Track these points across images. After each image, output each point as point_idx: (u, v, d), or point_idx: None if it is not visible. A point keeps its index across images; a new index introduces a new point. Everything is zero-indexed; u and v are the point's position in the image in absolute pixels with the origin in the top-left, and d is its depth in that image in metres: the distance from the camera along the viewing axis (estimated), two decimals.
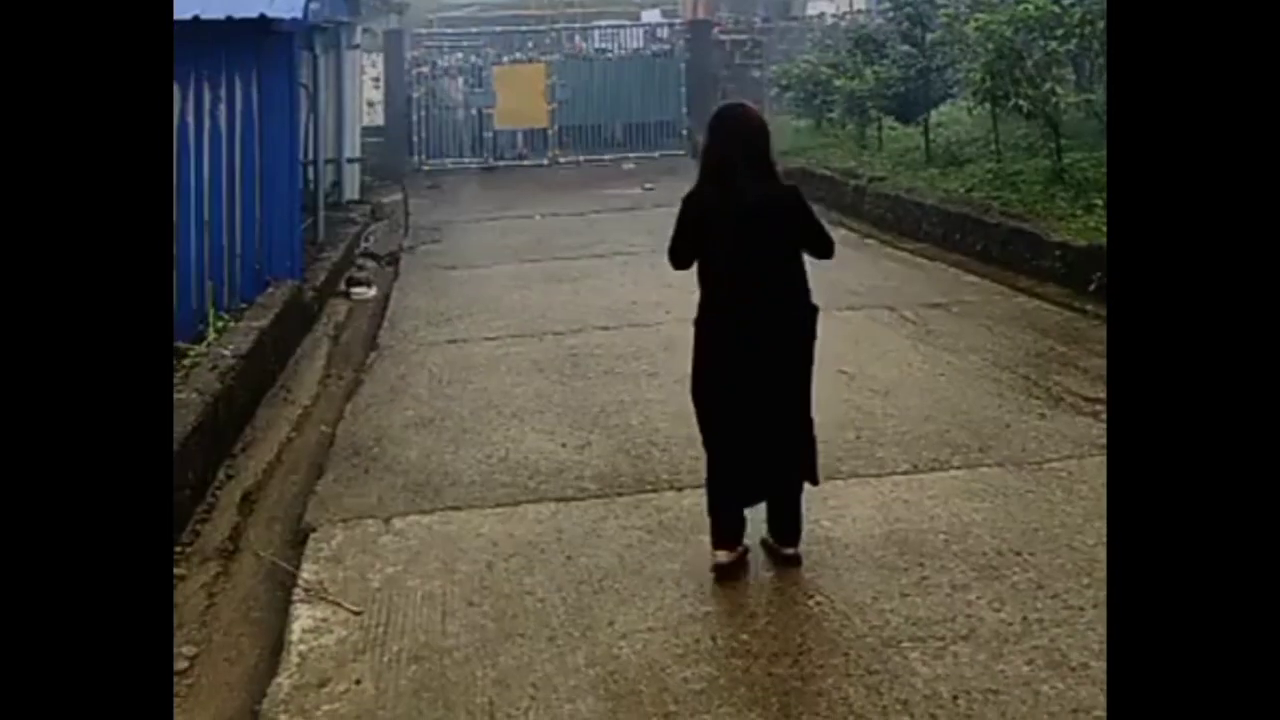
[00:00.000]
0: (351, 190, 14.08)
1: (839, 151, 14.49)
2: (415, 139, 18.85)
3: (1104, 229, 8.18)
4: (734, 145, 4.12)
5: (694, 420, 4.25)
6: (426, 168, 18.39)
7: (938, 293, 8.31)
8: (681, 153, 18.85)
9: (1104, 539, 4.18)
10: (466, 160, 18.94)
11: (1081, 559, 4.02)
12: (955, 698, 3.26)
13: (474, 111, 19.16)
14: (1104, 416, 5.52)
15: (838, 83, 14.37)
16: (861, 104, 14.05)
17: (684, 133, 19.47)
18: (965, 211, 9.93)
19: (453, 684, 3.47)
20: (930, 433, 5.31)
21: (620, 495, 4.85)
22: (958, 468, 4.91)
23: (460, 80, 19.45)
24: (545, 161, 18.69)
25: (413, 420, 5.98)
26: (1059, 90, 9.72)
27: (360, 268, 10.53)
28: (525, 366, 6.96)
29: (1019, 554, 4.08)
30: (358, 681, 3.49)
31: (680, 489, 4.86)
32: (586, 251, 10.88)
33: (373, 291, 9.56)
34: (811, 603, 3.84)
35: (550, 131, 19.14)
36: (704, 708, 3.28)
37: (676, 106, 19.66)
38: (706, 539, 4.15)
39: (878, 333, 7.27)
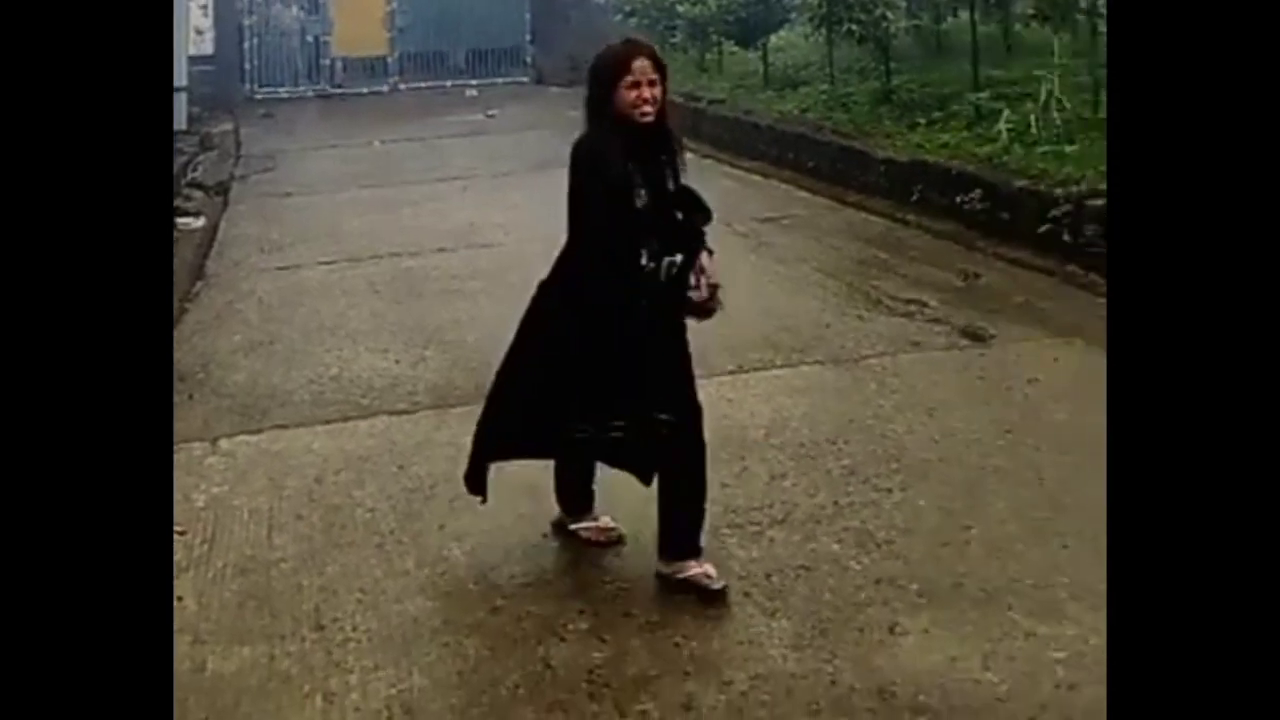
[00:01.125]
0: (178, 120, 13.48)
1: (680, 75, 14.55)
2: (248, 67, 18.09)
3: (926, 144, 8.49)
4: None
5: None
6: (259, 96, 17.69)
7: (770, 208, 8.51)
8: (525, 79, 18.63)
9: (911, 428, 4.43)
10: (302, 88, 18.31)
11: (891, 446, 4.24)
12: (769, 576, 3.42)
13: (310, 38, 18.51)
14: (918, 316, 5.79)
15: (681, 8, 14.41)
16: (704, 29, 14.13)
17: (528, 60, 19.23)
18: (799, 131, 10.16)
19: (278, 594, 3.46)
20: (756, 336, 5.48)
21: (454, 407, 4.87)
22: (780, 367, 5.10)
23: (295, 7, 18.72)
24: (385, 89, 18.21)
25: (241, 345, 5.85)
26: (890, 16, 10.01)
27: (187, 198, 10.13)
28: (361, 289, 6.86)
29: (834, 443, 4.28)
30: (179, 598, 3.44)
31: None
32: (427, 176, 10.71)
33: (200, 222, 9.20)
34: (637, 496, 3.94)
35: (390, 58, 18.64)
36: (531, 600, 3.36)
37: (520, 33, 19.33)
38: None
39: (712, 245, 7.39)
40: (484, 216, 8.60)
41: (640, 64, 3.33)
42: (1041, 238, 6.69)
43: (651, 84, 3.30)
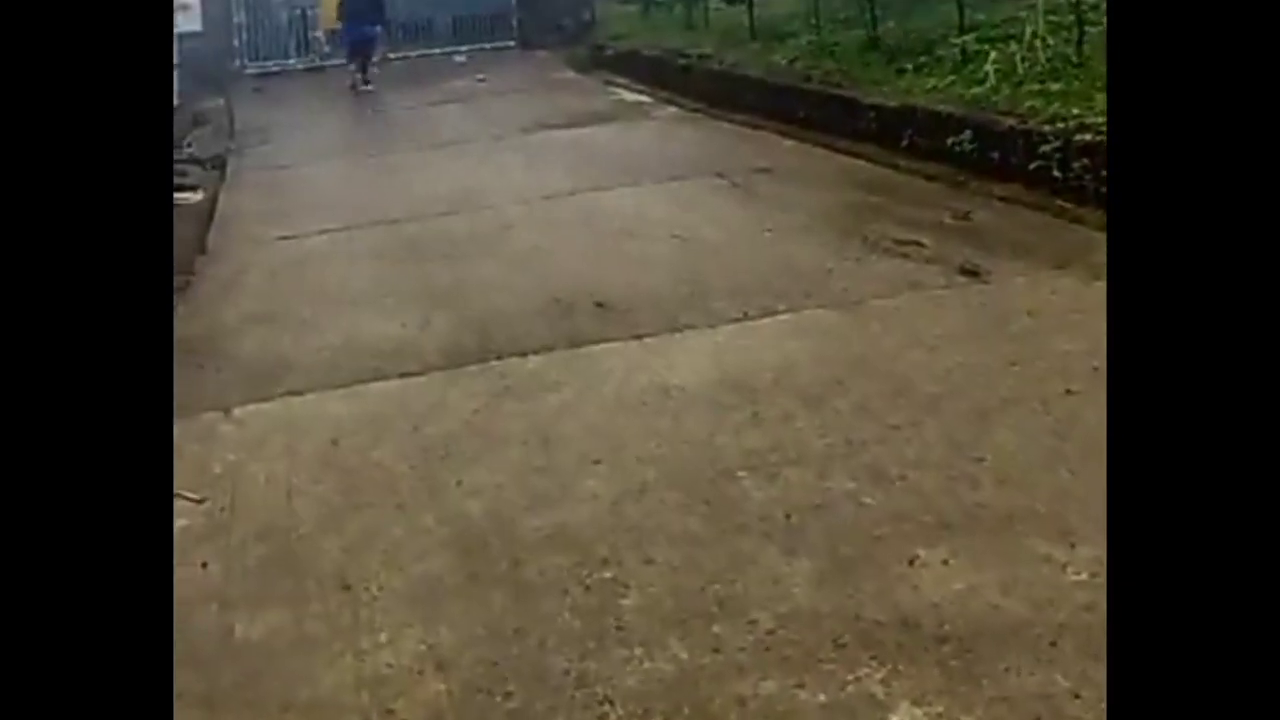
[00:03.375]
0: None
1: (668, 32, 14.50)
2: (237, 43, 18.01)
3: (914, 89, 8.49)
4: None
5: (533, 293, 4.33)
6: (251, 71, 17.62)
7: (763, 158, 8.52)
8: (512, 44, 18.52)
9: (916, 365, 4.47)
10: (293, 62, 18.21)
11: (898, 383, 4.29)
12: (788, 516, 3.46)
13: (299, 12, 18.38)
14: (915, 257, 5.83)
15: None
16: None
17: (514, 24, 19.10)
18: (787, 82, 10.15)
19: (301, 557, 3.50)
20: (758, 284, 5.51)
21: (463, 366, 4.91)
22: (784, 312, 5.13)
23: None
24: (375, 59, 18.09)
25: (248, 315, 5.87)
26: None
27: (183, 174, 10.11)
28: (363, 256, 6.88)
29: (841, 383, 4.32)
30: (204, 565, 3.48)
31: (524, 354, 4.95)
32: (421, 143, 10.70)
33: (198, 196, 9.20)
34: (652, 444, 4.00)
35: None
36: (553, 551, 3.40)
37: None
38: (551, 396, 4.29)
39: (707, 198, 7.45)
40: (480, 180, 8.61)
41: None
42: (1031, 175, 6.74)
43: None
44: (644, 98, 12.79)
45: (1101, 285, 5.21)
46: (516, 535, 3.52)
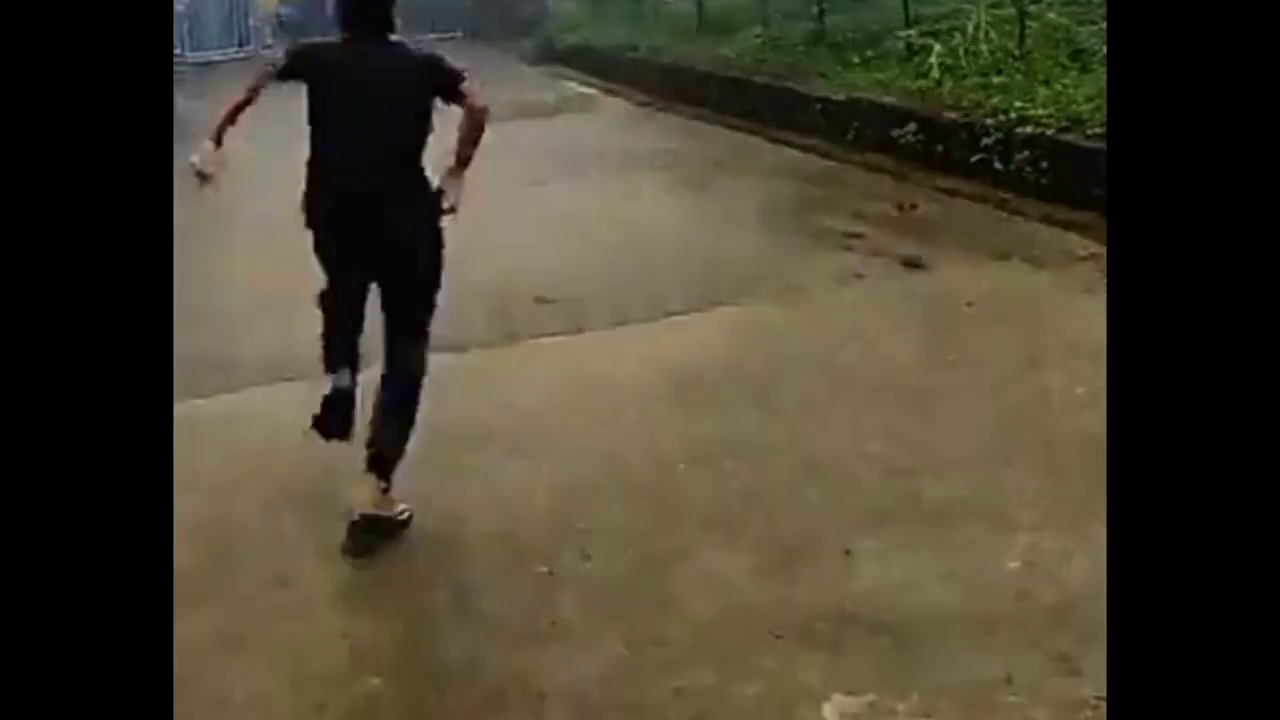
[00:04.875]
0: None
1: (619, 25, 14.46)
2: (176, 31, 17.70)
3: (860, 82, 8.54)
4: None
5: (472, 287, 4.49)
6: (191, 60, 17.31)
7: (710, 151, 8.56)
8: (461, 34, 18.37)
9: (858, 357, 4.49)
10: (234, 51, 17.95)
11: (839, 375, 4.31)
12: (728, 509, 3.46)
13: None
14: (859, 248, 5.87)
15: None
16: None
17: (464, 14, 18.97)
18: (736, 75, 10.18)
19: (238, 554, 3.42)
20: (702, 277, 5.52)
21: None
22: (728, 305, 5.15)
23: None
24: None
25: (189, 314, 5.76)
26: None
27: None
28: (302, 251, 6.77)
29: (783, 375, 4.34)
30: None
31: (462, 350, 4.88)
32: None
33: None
34: (591, 439, 3.98)
35: (324, 17, 18.27)
36: (489, 548, 3.35)
37: None
38: (489, 392, 4.32)
39: (654, 191, 7.45)
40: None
41: None
42: (974, 167, 6.80)
43: None
44: (593, 90, 12.76)
45: (1040, 275, 5.28)
46: (456, 534, 3.48)
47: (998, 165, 6.65)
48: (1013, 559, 3.08)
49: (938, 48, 8.16)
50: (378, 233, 3.43)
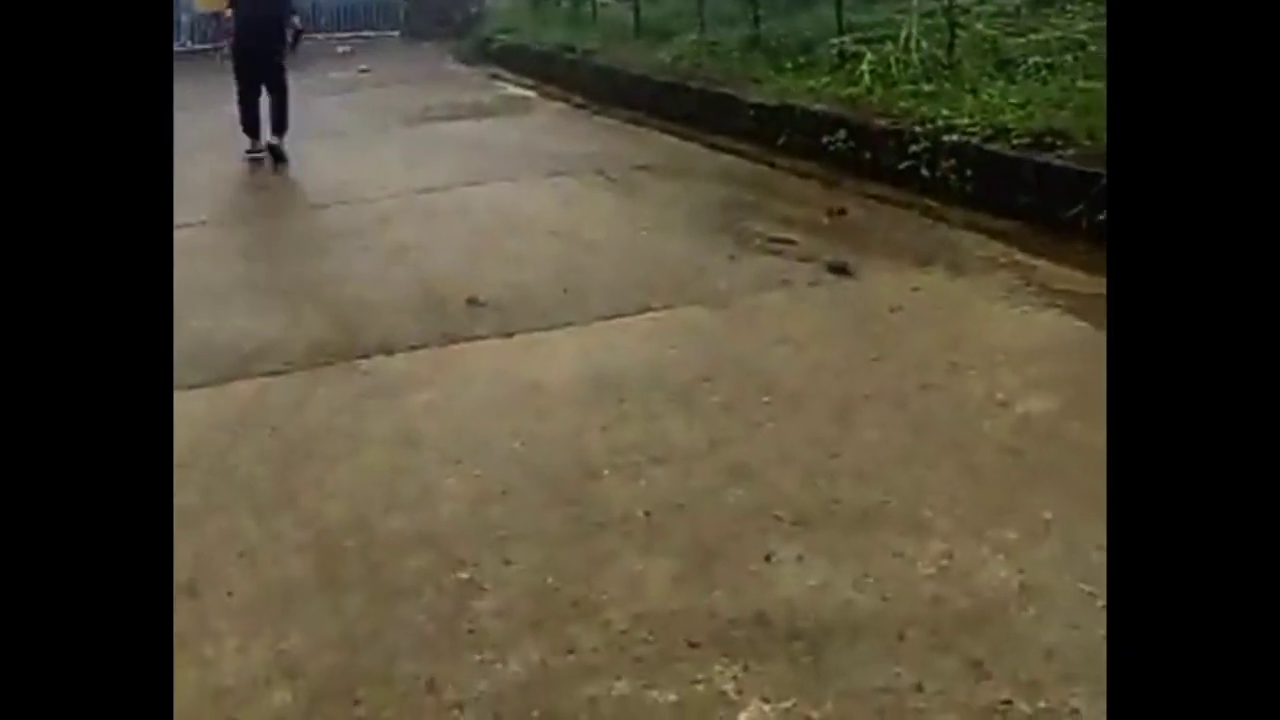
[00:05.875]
0: None
1: (555, 28, 14.45)
2: None
3: (793, 89, 8.60)
4: None
5: (405, 290, 4.28)
6: None
7: (644, 155, 8.55)
8: (396, 33, 18.23)
9: (783, 362, 4.52)
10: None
11: (764, 381, 4.33)
12: (648, 514, 3.46)
13: None
14: (787, 254, 5.91)
15: None
16: None
17: (401, 14, 18.82)
18: (671, 79, 10.22)
19: None
20: (632, 281, 5.52)
21: (330, 364, 4.81)
22: (657, 310, 5.15)
23: None
24: None
25: None
26: None
27: None
28: (230, 252, 6.70)
29: (708, 381, 4.34)
30: None
31: (391, 353, 4.87)
32: (297, 135, 10.44)
33: None
34: (517, 444, 3.96)
35: None
36: (410, 554, 3.34)
37: None
38: (416, 396, 4.26)
39: (587, 195, 7.45)
40: (358, 174, 8.46)
41: None
42: (901, 174, 6.89)
43: None
44: (529, 92, 12.72)
45: (961, 282, 5.35)
46: (375, 538, 3.45)
47: (924, 172, 6.74)
48: (928, 565, 3.12)
49: (869, 55, 8.26)
50: (265, 57, 9.27)
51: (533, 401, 4.28)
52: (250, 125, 9.45)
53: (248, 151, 9.45)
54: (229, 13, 9.32)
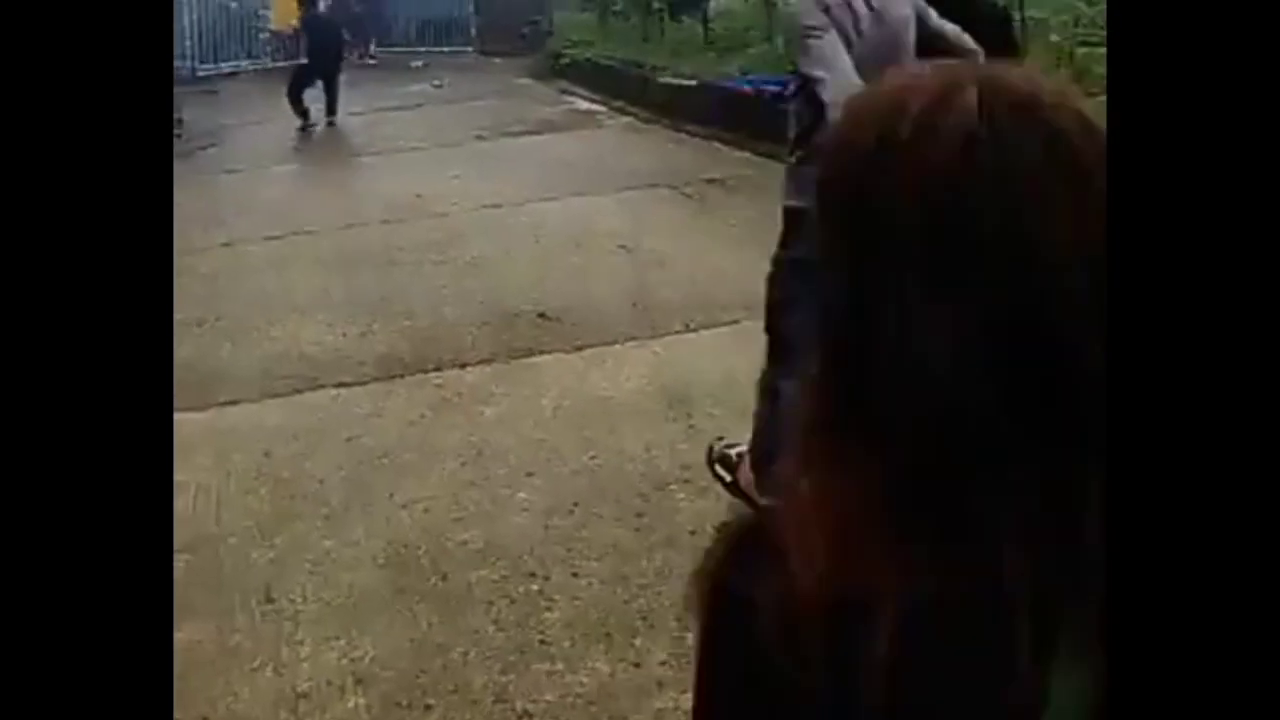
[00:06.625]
0: None
1: (624, 42, 14.52)
2: (187, 43, 17.79)
3: None
4: None
5: (477, 303, 4.34)
6: (201, 74, 17.42)
7: (713, 169, 8.54)
8: (469, 49, 18.47)
9: None
10: (245, 64, 18.05)
11: None
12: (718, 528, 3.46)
13: (250, 12, 18.25)
14: None
15: None
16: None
17: (472, 31, 19.08)
18: (739, 92, 10.15)
19: (227, 569, 3.46)
20: (702, 295, 5.52)
21: (402, 376, 4.88)
22: (725, 324, 5.14)
23: None
24: None
25: (183, 321, 5.78)
26: None
27: None
28: (307, 263, 6.83)
29: None
30: None
31: (464, 365, 4.92)
32: (371, 149, 10.65)
33: None
34: (586, 458, 3.99)
35: None
36: (481, 565, 3.38)
37: (464, 3, 19.21)
38: (487, 408, 4.31)
39: (657, 210, 7.46)
40: (430, 188, 8.56)
41: None
42: None
43: None
44: (598, 107, 12.80)
45: None
46: (446, 548, 3.49)
47: None
48: None
49: None
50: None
51: (603, 414, 4.30)
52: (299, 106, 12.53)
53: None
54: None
